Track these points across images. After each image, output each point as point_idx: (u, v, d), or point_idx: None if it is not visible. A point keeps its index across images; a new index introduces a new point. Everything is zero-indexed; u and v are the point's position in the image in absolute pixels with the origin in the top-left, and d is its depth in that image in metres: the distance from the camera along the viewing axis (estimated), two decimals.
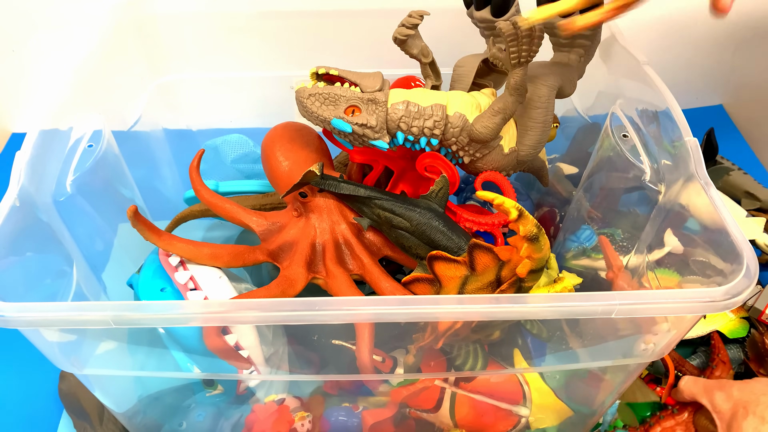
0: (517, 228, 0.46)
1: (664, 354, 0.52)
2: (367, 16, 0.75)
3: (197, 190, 0.60)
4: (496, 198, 0.46)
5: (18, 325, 0.42)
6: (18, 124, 1.03)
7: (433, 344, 0.52)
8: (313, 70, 0.57)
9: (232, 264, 0.58)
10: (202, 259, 0.57)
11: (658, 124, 0.57)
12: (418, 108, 0.56)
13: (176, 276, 0.56)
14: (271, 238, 0.59)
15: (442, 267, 0.51)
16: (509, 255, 0.48)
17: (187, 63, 0.79)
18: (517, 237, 0.47)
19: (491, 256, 0.49)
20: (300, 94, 0.56)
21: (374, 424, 0.60)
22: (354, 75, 0.57)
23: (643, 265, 0.60)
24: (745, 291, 0.42)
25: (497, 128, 0.57)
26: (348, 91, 0.56)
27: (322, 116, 0.56)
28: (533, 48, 0.54)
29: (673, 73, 0.64)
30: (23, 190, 0.49)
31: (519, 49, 0.54)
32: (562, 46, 0.64)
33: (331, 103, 0.56)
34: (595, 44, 0.64)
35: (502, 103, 0.57)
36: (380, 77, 0.57)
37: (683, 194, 0.53)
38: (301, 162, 0.62)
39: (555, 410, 0.61)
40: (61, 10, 0.89)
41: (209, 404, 0.62)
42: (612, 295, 0.42)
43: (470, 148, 0.59)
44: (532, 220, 0.46)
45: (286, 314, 0.43)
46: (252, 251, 0.58)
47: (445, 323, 0.50)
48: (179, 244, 0.57)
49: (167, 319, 0.45)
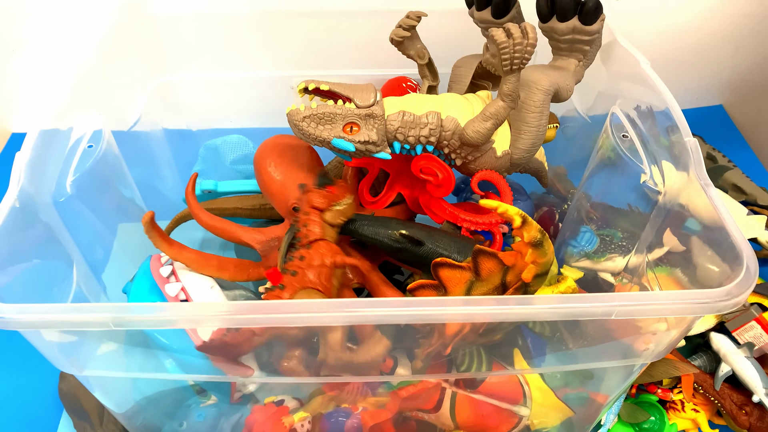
0: (521, 234, 0.46)
1: (664, 354, 0.52)
2: (366, 16, 0.75)
3: (195, 214, 0.61)
4: (500, 206, 0.46)
5: (18, 326, 0.42)
6: (18, 124, 1.03)
7: (441, 350, 0.52)
8: (301, 86, 0.56)
9: (237, 278, 0.60)
10: (209, 270, 0.59)
11: (658, 125, 0.57)
12: (414, 117, 0.56)
13: (167, 288, 0.57)
14: (271, 254, 0.60)
15: (447, 273, 0.50)
16: (514, 260, 0.48)
17: (187, 63, 0.79)
18: (521, 243, 0.47)
19: (495, 261, 0.49)
20: (293, 118, 0.55)
21: (374, 425, 0.60)
22: (345, 88, 0.56)
23: (643, 266, 0.60)
24: (745, 291, 0.42)
25: (488, 133, 0.57)
26: (343, 109, 0.55)
27: (321, 137, 0.55)
28: (525, 56, 0.54)
29: (673, 73, 0.64)
30: (23, 190, 0.49)
31: (511, 56, 0.54)
32: (561, 51, 0.64)
33: (327, 122, 0.55)
34: (595, 49, 0.64)
35: (493, 109, 0.57)
36: (373, 89, 0.56)
37: (683, 194, 0.53)
38: (293, 175, 0.62)
39: (556, 410, 0.61)
40: (61, 10, 0.89)
41: (209, 405, 0.62)
42: (612, 296, 0.42)
43: (462, 151, 0.59)
44: (536, 225, 0.46)
45: (287, 317, 0.43)
46: (256, 267, 0.60)
47: (452, 328, 0.50)
48: (188, 254, 0.59)
49: (167, 320, 0.45)
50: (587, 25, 0.60)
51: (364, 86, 0.56)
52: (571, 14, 0.60)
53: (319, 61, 0.79)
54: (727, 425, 0.67)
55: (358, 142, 0.55)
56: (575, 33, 0.61)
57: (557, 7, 0.60)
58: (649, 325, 0.50)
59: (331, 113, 0.54)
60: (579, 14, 0.60)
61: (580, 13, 0.60)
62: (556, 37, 0.63)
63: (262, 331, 0.51)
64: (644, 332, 0.51)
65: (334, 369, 0.53)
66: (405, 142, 0.57)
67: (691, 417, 0.66)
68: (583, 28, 0.60)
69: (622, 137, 0.61)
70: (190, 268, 0.59)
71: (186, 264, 0.59)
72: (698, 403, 0.67)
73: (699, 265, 0.51)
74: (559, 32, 0.61)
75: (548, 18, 0.62)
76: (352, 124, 0.55)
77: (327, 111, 0.54)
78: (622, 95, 0.64)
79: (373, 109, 0.55)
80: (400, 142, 0.57)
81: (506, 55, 0.54)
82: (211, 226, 0.61)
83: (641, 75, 0.60)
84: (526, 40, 0.53)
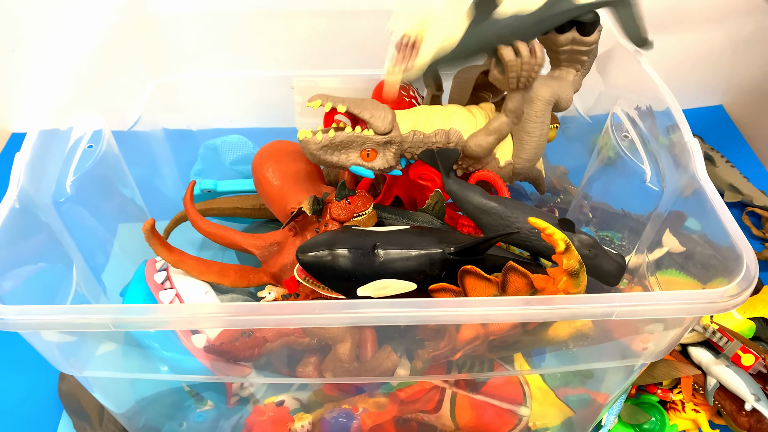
0: (561, 260, 0.46)
1: (664, 354, 0.52)
2: (367, 17, 0.75)
3: (194, 222, 0.61)
4: (547, 228, 0.46)
5: (18, 327, 0.42)
6: (18, 124, 1.03)
7: (449, 354, 0.52)
8: (316, 104, 0.55)
9: (238, 284, 0.60)
10: (210, 277, 0.59)
11: (659, 125, 0.57)
12: (423, 136, 0.57)
13: (161, 295, 0.57)
14: (271, 260, 0.60)
15: (473, 282, 0.49)
16: (544, 284, 0.47)
17: (187, 63, 0.79)
18: (558, 269, 0.47)
19: (526, 282, 0.48)
20: (309, 146, 0.54)
21: (374, 426, 0.60)
22: (362, 108, 0.55)
23: (643, 266, 0.60)
24: (745, 292, 0.42)
25: (490, 147, 0.59)
26: (362, 137, 0.55)
27: (339, 163, 0.55)
28: (532, 74, 0.56)
29: (673, 74, 0.64)
30: (23, 191, 0.49)
31: (518, 74, 0.56)
32: (560, 62, 0.65)
33: (344, 148, 0.55)
34: (592, 59, 0.66)
35: (497, 124, 0.59)
36: (390, 113, 0.56)
37: (683, 195, 0.53)
38: (291, 181, 0.63)
39: (556, 410, 0.61)
40: (61, 10, 0.89)
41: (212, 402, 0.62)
42: (612, 296, 0.42)
43: (464, 162, 0.60)
44: (577, 255, 0.46)
45: (287, 318, 0.43)
46: (257, 273, 0.60)
47: (465, 334, 0.50)
48: (189, 261, 0.59)
49: (167, 322, 0.45)
50: (585, 36, 0.62)
51: (380, 109, 0.56)
52: (569, 26, 0.62)
53: (319, 61, 0.79)
54: (727, 425, 0.67)
55: (378, 170, 0.56)
56: (574, 44, 0.63)
57: None
58: (648, 324, 0.50)
59: (350, 141, 0.54)
60: (578, 26, 0.62)
61: (578, 24, 0.62)
62: (555, 49, 0.64)
63: (274, 338, 0.52)
64: (643, 332, 0.51)
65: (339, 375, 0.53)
66: (411, 156, 0.58)
67: (692, 417, 0.66)
68: (582, 39, 0.62)
69: (622, 137, 0.62)
70: (191, 275, 0.59)
71: (187, 271, 0.59)
72: (698, 403, 0.67)
73: (699, 266, 0.51)
74: (558, 44, 0.63)
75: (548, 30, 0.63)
76: (369, 150, 0.55)
77: (345, 139, 0.54)
78: (623, 95, 0.64)
79: (392, 136, 0.56)
80: (406, 158, 0.59)
81: (513, 73, 0.55)
82: (210, 233, 0.61)
83: (642, 75, 0.60)
84: (534, 59, 0.55)
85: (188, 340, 0.53)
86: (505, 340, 0.50)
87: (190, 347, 0.53)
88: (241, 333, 0.52)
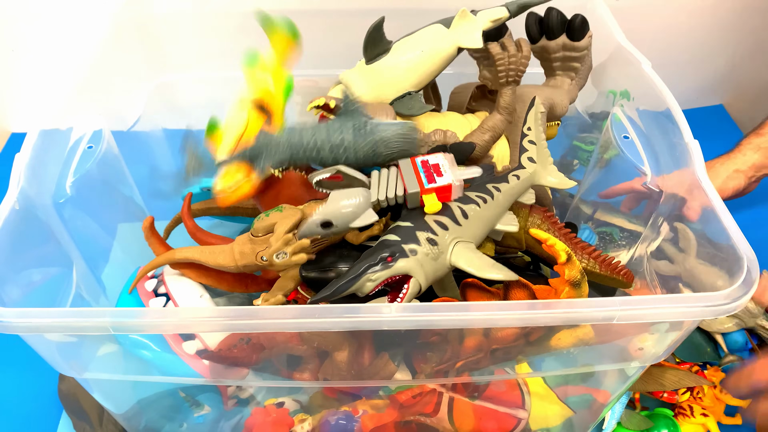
0: (563, 271, 0.46)
1: (664, 357, 0.52)
2: (367, 17, 0.75)
3: (192, 233, 0.61)
4: (549, 239, 0.46)
5: (18, 330, 0.42)
6: (18, 124, 1.03)
7: (452, 368, 0.52)
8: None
9: (236, 289, 0.59)
10: (208, 280, 0.58)
11: (659, 125, 0.57)
12: (423, 135, 0.58)
13: (151, 303, 0.56)
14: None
15: (475, 295, 0.50)
16: (546, 296, 0.48)
17: (187, 63, 0.79)
18: (560, 280, 0.47)
19: (527, 293, 0.48)
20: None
21: (374, 429, 0.60)
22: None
23: (643, 266, 0.60)
24: (746, 294, 0.42)
25: (487, 145, 0.60)
26: None
27: None
28: (520, 68, 0.58)
29: (673, 73, 0.64)
30: (23, 192, 0.49)
31: (506, 68, 0.58)
32: (554, 71, 0.67)
33: None
34: (586, 68, 0.67)
35: (491, 122, 0.60)
36: None
37: (684, 195, 0.53)
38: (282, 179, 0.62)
39: (555, 410, 0.61)
40: (61, 10, 0.88)
41: (209, 406, 0.62)
42: (613, 300, 0.42)
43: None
44: (579, 266, 0.47)
45: (287, 322, 0.43)
46: (254, 279, 0.60)
47: (471, 342, 0.50)
48: (188, 264, 0.58)
49: (167, 324, 0.45)
50: (575, 41, 0.64)
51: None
52: (559, 32, 0.64)
53: (319, 61, 0.79)
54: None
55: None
56: (565, 50, 0.65)
57: (546, 27, 0.65)
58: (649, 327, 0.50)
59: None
60: (567, 31, 0.64)
61: (568, 30, 0.64)
62: (547, 57, 0.66)
63: (272, 345, 0.51)
64: (642, 331, 0.51)
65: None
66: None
67: (701, 422, 0.66)
68: (573, 44, 0.64)
69: (623, 138, 0.62)
70: (189, 277, 0.58)
71: (186, 275, 0.58)
72: (706, 406, 0.67)
73: (699, 267, 0.51)
74: (550, 50, 0.65)
75: (538, 38, 0.66)
76: None
77: None
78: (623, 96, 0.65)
79: None
80: None
81: (502, 67, 0.58)
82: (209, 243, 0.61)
83: (642, 75, 0.60)
84: (521, 53, 0.57)
85: (179, 347, 0.53)
86: (509, 351, 0.50)
87: (180, 353, 0.53)
88: (239, 339, 0.52)
